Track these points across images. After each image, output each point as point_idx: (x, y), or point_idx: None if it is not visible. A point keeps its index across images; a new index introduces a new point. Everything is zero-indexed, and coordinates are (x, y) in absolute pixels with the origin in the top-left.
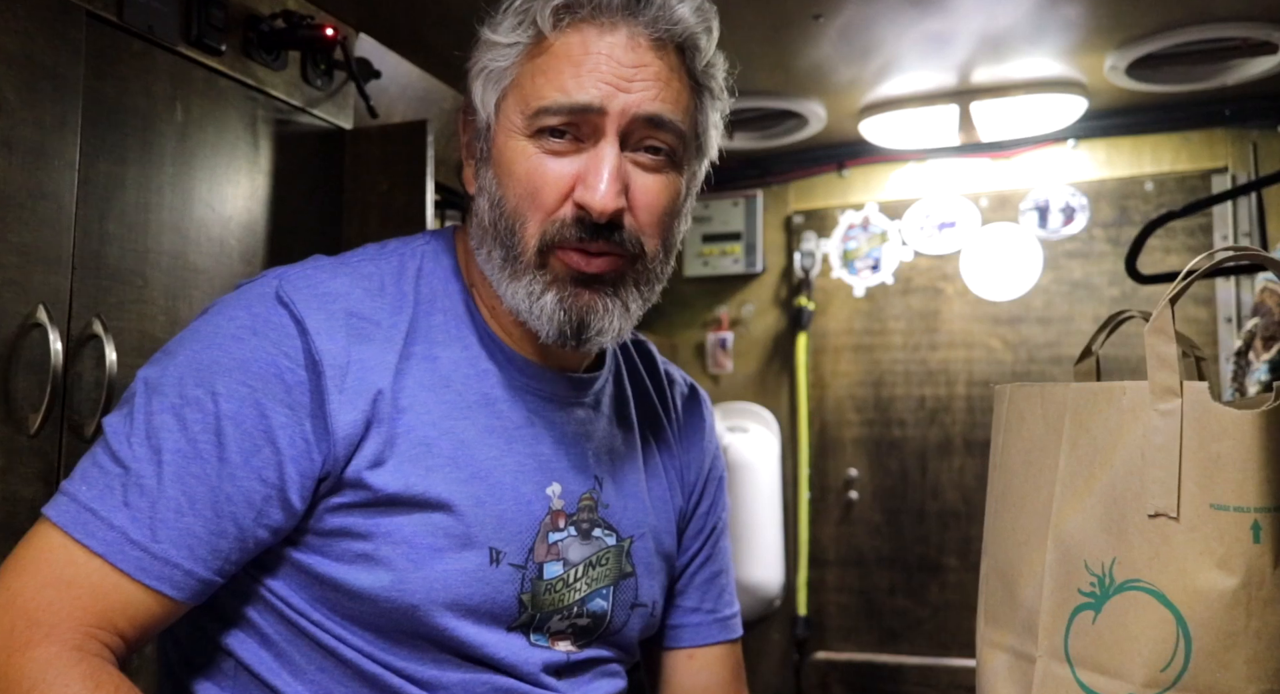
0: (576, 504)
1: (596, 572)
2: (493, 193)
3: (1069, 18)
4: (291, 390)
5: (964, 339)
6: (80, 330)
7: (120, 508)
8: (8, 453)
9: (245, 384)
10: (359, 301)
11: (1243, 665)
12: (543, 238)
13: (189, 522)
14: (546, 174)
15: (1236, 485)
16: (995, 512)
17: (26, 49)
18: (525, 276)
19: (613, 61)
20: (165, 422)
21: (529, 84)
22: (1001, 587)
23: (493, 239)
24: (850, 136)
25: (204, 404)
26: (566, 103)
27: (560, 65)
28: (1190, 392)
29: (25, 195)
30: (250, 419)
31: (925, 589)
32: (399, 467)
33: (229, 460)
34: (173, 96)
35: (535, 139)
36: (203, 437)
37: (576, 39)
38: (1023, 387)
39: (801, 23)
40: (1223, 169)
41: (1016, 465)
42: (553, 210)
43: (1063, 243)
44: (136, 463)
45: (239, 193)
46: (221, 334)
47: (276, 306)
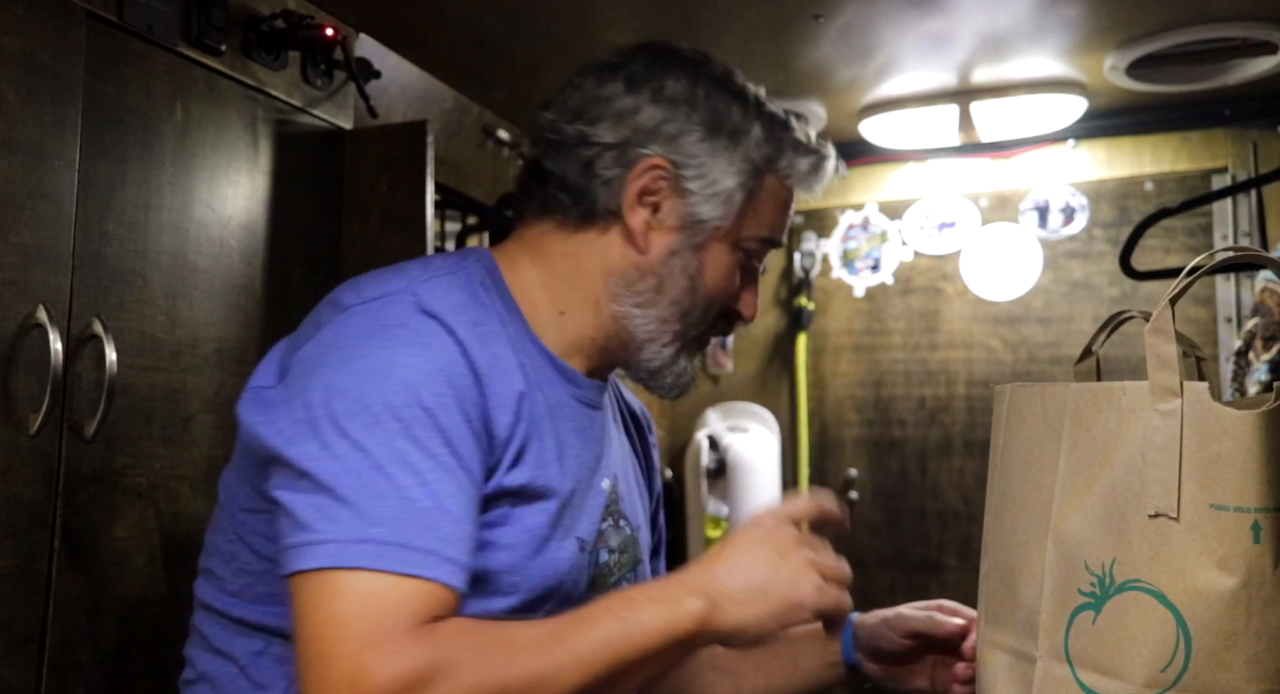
0: (610, 496)
1: (624, 557)
2: (696, 278)
3: (1069, 18)
4: (470, 392)
5: (964, 339)
6: (80, 330)
7: (423, 534)
8: (8, 453)
9: (444, 393)
10: (475, 313)
11: (1243, 665)
12: (705, 323)
13: (468, 530)
14: (732, 283)
15: (1237, 485)
16: (995, 512)
17: (26, 49)
18: (689, 349)
19: (792, 208)
20: (405, 446)
21: (757, 213)
22: (1002, 587)
23: (677, 312)
24: (850, 136)
25: (424, 421)
26: (772, 240)
27: (775, 209)
28: (1190, 392)
29: (25, 195)
30: (458, 424)
31: (925, 589)
32: (527, 459)
33: (468, 467)
34: (173, 96)
35: (735, 250)
36: (441, 451)
37: (785, 188)
38: (1023, 387)
39: (801, 23)
40: (1223, 169)
41: (1016, 465)
42: (721, 308)
43: (1063, 243)
44: (410, 490)
45: (239, 193)
46: (397, 352)
47: (428, 319)
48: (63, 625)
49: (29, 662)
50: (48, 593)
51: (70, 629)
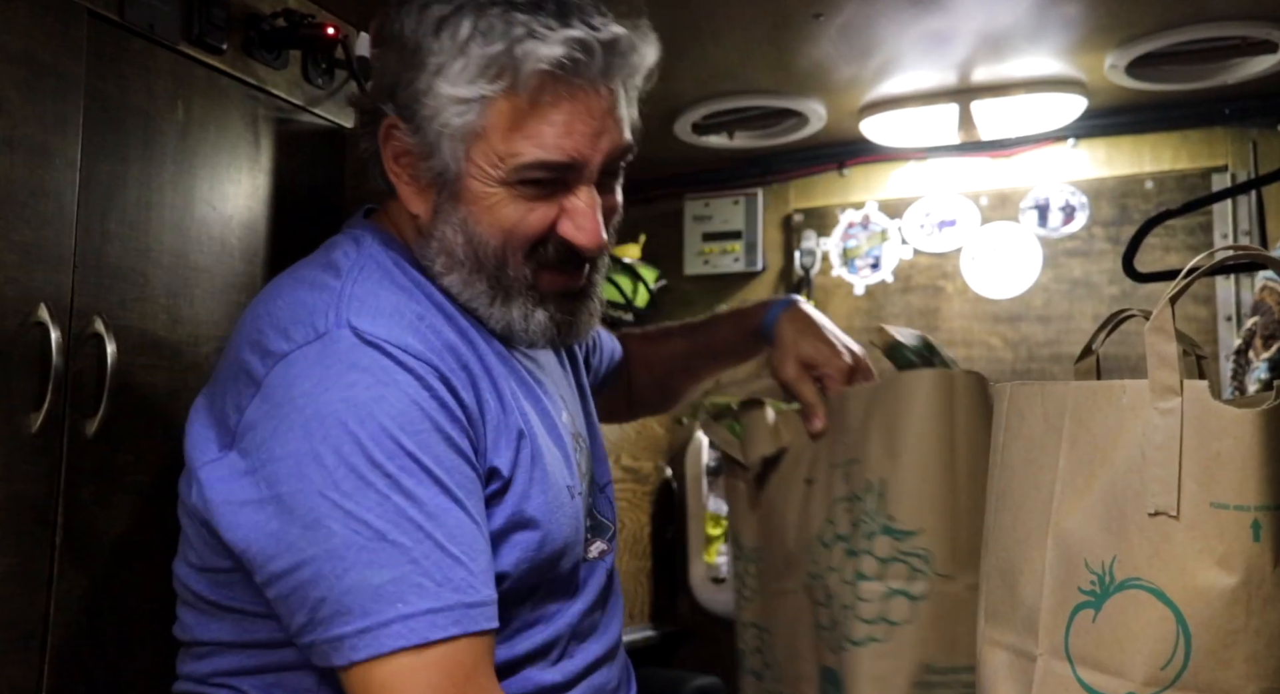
0: (570, 424)
1: (585, 471)
2: (469, 230)
3: (1069, 16)
4: (445, 412)
5: (964, 337)
6: (82, 329)
7: (441, 591)
8: (8, 452)
9: (420, 430)
10: (410, 304)
11: (1242, 664)
12: (530, 265)
13: (481, 562)
14: (531, 219)
15: (1237, 484)
16: (995, 510)
17: (28, 48)
18: (518, 299)
19: (586, 119)
20: (400, 503)
21: (502, 140)
22: (1002, 585)
23: (474, 270)
24: (850, 135)
25: (411, 468)
26: (549, 161)
27: (539, 126)
28: (1190, 390)
29: (26, 194)
30: (445, 456)
31: None
32: (508, 434)
33: (461, 500)
34: (174, 95)
35: (514, 188)
36: (434, 496)
37: (549, 98)
38: (1023, 385)
39: (801, 21)
40: (1223, 168)
41: (1016, 464)
42: (537, 243)
43: (1063, 241)
44: (413, 550)
45: (240, 191)
46: (361, 402)
47: (375, 351)
48: (64, 623)
49: (31, 660)
50: (49, 591)
51: (72, 627)
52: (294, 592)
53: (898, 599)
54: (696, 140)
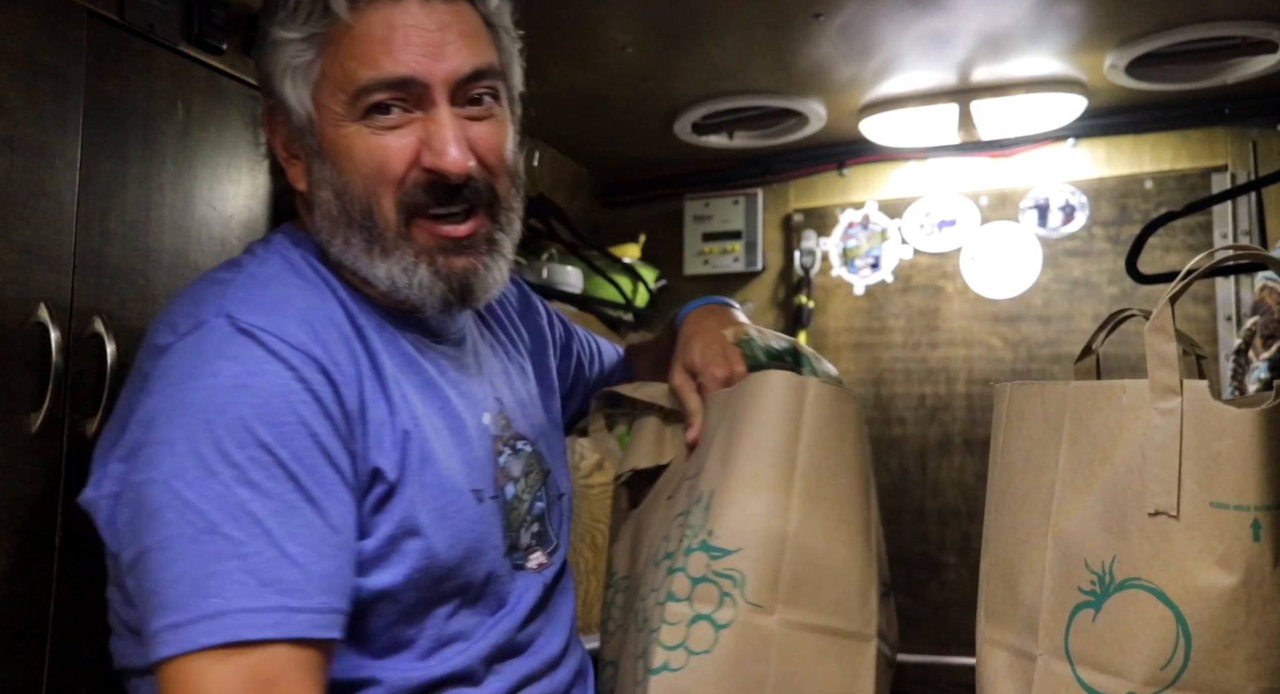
0: (498, 426)
1: (531, 478)
2: (335, 183)
3: (1069, 16)
4: (317, 407)
5: (964, 337)
6: (82, 329)
7: (263, 591)
8: (8, 452)
9: (282, 423)
10: (300, 296)
11: (1242, 663)
12: (400, 208)
13: (324, 566)
14: (388, 149)
15: (1236, 484)
16: (995, 510)
17: (27, 48)
18: (395, 253)
19: (419, 30)
20: (243, 495)
21: (339, 71)
22: (1002, 585)
23: (348, 226)
24: (850, 135)
25: (262, 461)
26: (385, 77)
27: (368, 46)
28: (1190, 390)
29: (26, 194)
30: (307, 452)
31: (925, 587)
32: (394, 436)
33: (315, 498)
34: (174, 95)
35: (365, 120)
36: (283, 489)
37: (375, 18)
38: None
39: (801, 21)
40: (1222, 168)
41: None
42: (402, 180)
43: (1062, 241)
44: (245, 545)
45: (240, 191)
46: (225, 390)
47: (248, 340)
48: (65, 624)
49: (31, 660)
50: (49, 591)
51: (72, 628)
52: (137, 585)
53: (701, 625)
54: (696, 140)
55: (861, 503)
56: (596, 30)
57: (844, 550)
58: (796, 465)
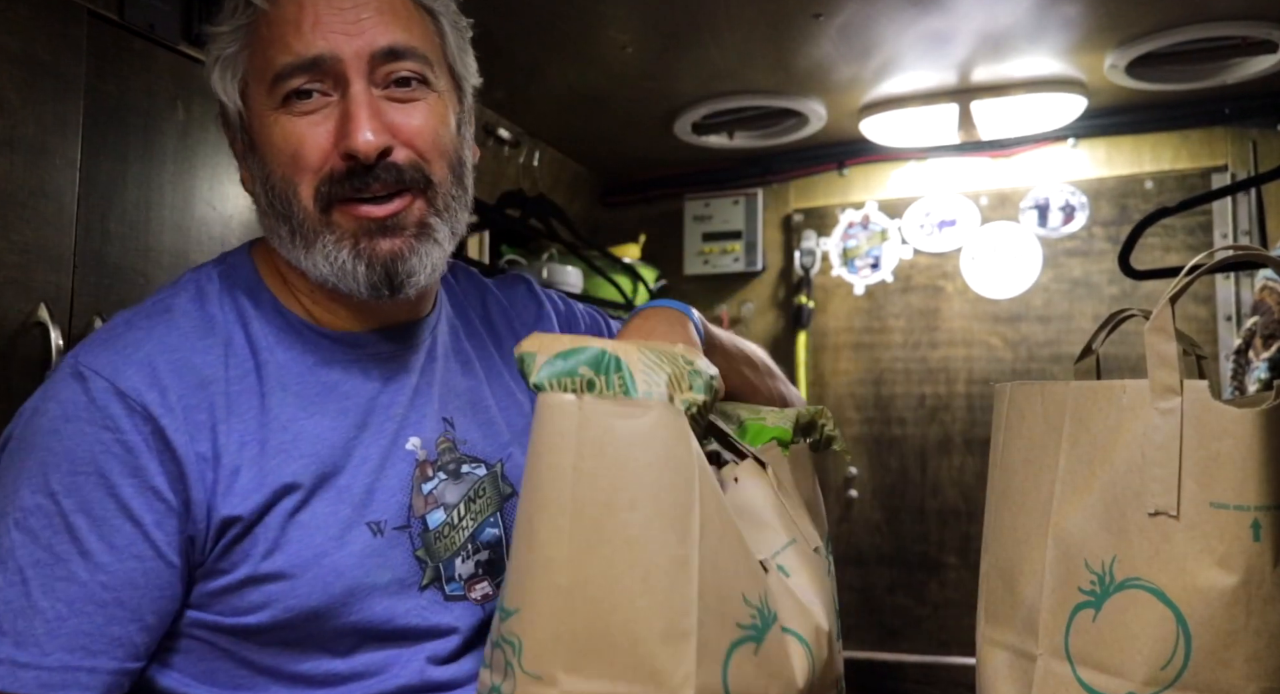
0: (436, 450)
1: (478, 504)
2: (262, 175)
3: (1069, 16)
4: (125, 458)
5: (964, 337)
6: (82, 328)
7: (0, 640)
8: None
9: (78, 472)
10: (164, 338)
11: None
12: (319, 196)
13: (74, 624)
14: (302, 134)
15: (1236, 484)
16: (995, 510)
17: (28, 48)
18: (317, 241)
19: (330, 9)
20: (15, 539)
21: (261, 60)
22: (1002, 585)
23: (275, 218)
24: (850, 135)
25: (45, 508)
26: (296, 61)
27: (283, 30)
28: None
29: (27, 194)
30: (99, 503)
31: (925, 587)
32: (260, 478)
33: (90, 552)
34: (174, 95)
35: (284, 108)
36: (55, 540)
37: (290, 2)
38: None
39: (802, 21)
40: (1222, 167)
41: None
42: (319, 167)
43: (1062, 241)
44: (3, 590)
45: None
46: (40, 433)
47: (77, 383)
48: None
49: None
50: None
51: None
52: None
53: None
54: (696, 140)
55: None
56: (596, 30)
57: (638, 601)
58: (569, 505)
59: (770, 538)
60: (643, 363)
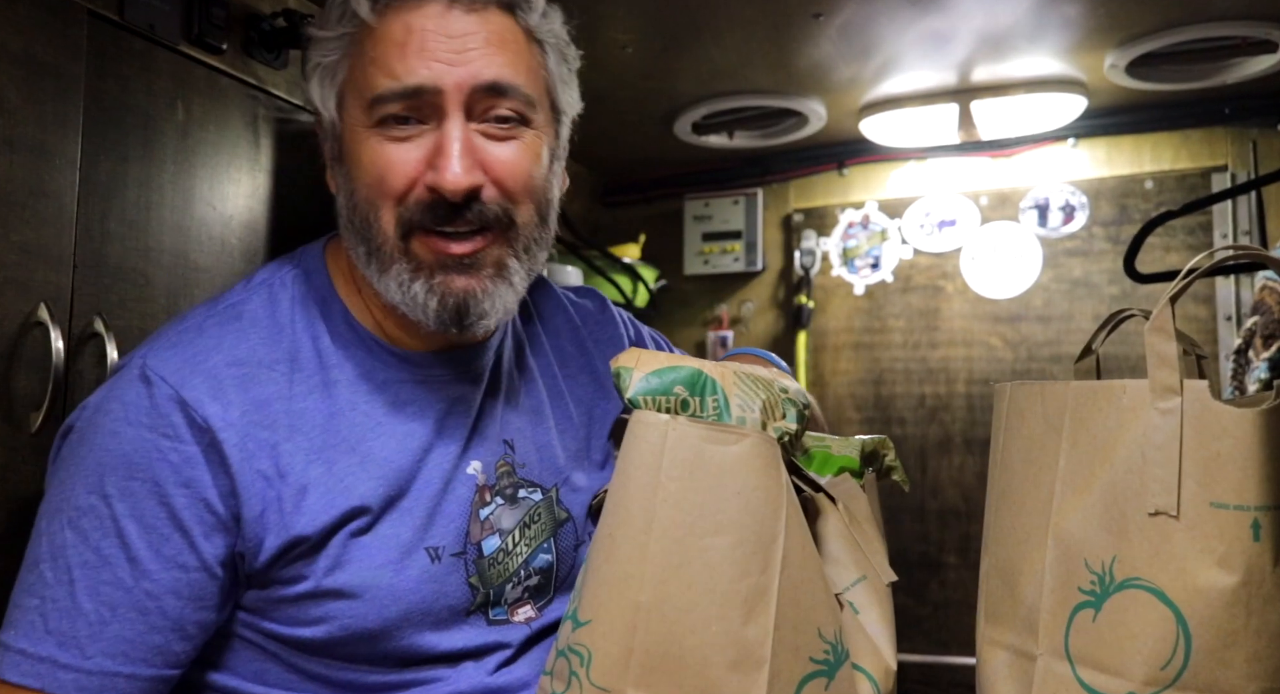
0: (495, 474)
1: (533, 530)
2: (347, 190)
3: (1069, 16)
4: (181, 468)
5: (964, 337)
6: (82, 329)
7: (44, 638)
8: (8, 452)
9: (133, 478)
10: (233, 349)
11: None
12: (400, 222)
13: (116, 629)
14: (391, 161)
15: (1236, 484)
16: (995, 510)
17: (27, 48)
18: (393, 267)
19: (438, 36)
20: (67, 538)
21: (361, 77)
22: (1002, 585)
23: (354, 235)
24: (850, 135)
25: (98, 510)
26: (399, 88)
27: (386, 51)
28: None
29: (26, 194)
30: (151, 511)
31: (925, 587)
32: (329, 499)
33: (138, 559)
34: (174, 95)
35: (379, 129)
36: (104, 543)
37: (397, 21)
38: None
39: (801, 21)
40: (1223, 167)
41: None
42: (403, 195)
43: (1063, 241)
44: (50, 588)
45: (240, 191)
46: (100, 432)
47: (142, 386)
48: None
49: None
50: None
51: None
52: None
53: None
54: (696, 140)
55: (750, 567)
56: (596, 30)
57: (713, 626)
58: (653, 524)
59: (840, 574)
60: (738, 387)
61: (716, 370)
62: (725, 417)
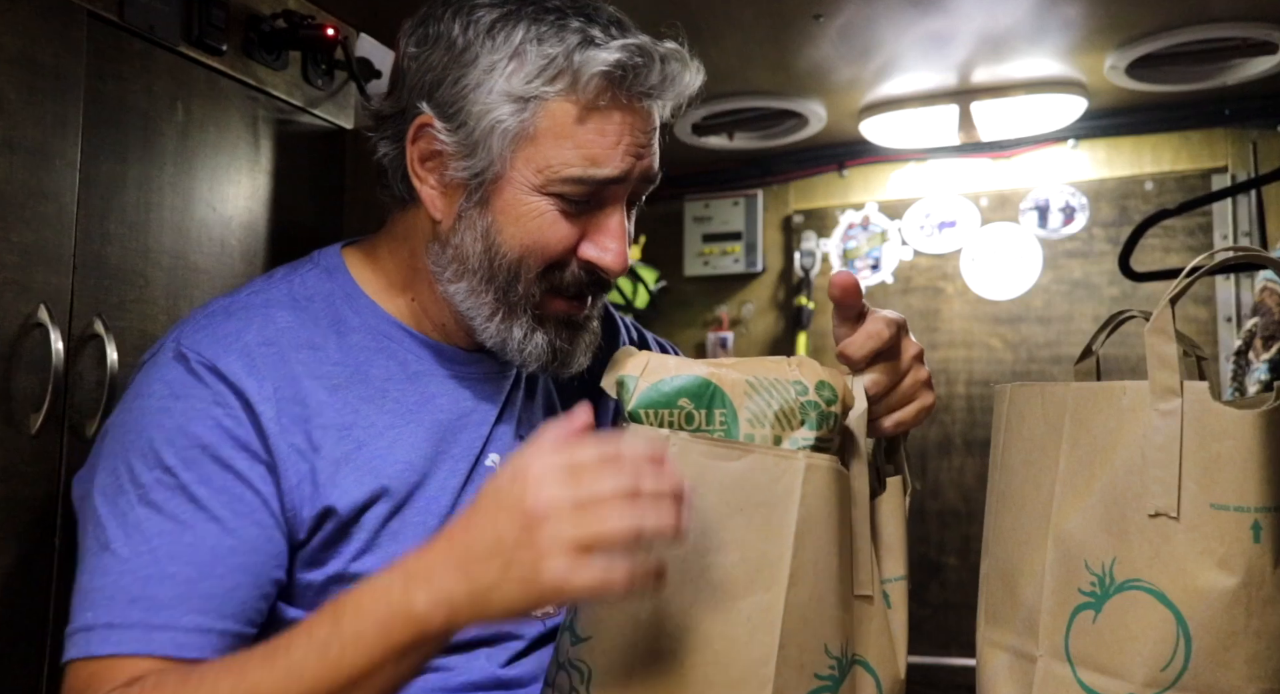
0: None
1: None
2: (490, 237)
3: (1069, 17)
4: (235, 433)
5: (964, 338)
6: (81, 330)
7: (129, 607)
8: (8, 453)
9: (193, 447)
10: (262, 330)
11: (1243, 665)
12: (544, 285)
13: (205, 586)
14: (560, 233)
15: (1237, 485)
16: (995, 511)
17: (27, 49)
18: (520, 318)
19: (638, 133)
20: (140, 514)
21: (552, 146)
22: (1002, 586)
23: (484, 280)
24: (850, 136)
25: (165, 482)
26: (598, 177)
27: (592, 137)
28: (1190, 391)
29: (26, 195)
30: (217, 476)
31: (925, 589)
32: (359, 476)
33: (218, 517)
34: (174, 96)
35: (549, 198)
36: (181, 510)
37: (608, 111)
38: (1023, 386)
39: (802, 22)
40: (1223, 168)
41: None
42: (557, 260)
43: (1063, 242)
44: (128, 563)
45: (240, 192)
46: (148, 413)
47: (181, 364)
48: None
49: (31, 660)
50: (49, 592)
51: None
52: None
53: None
54: (696, 141)
55: (754, 585)
56: None
57: (715, 644)
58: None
59: (891, 563)
60: (750, 397)
61: (727, 380)
62: (733, 432)
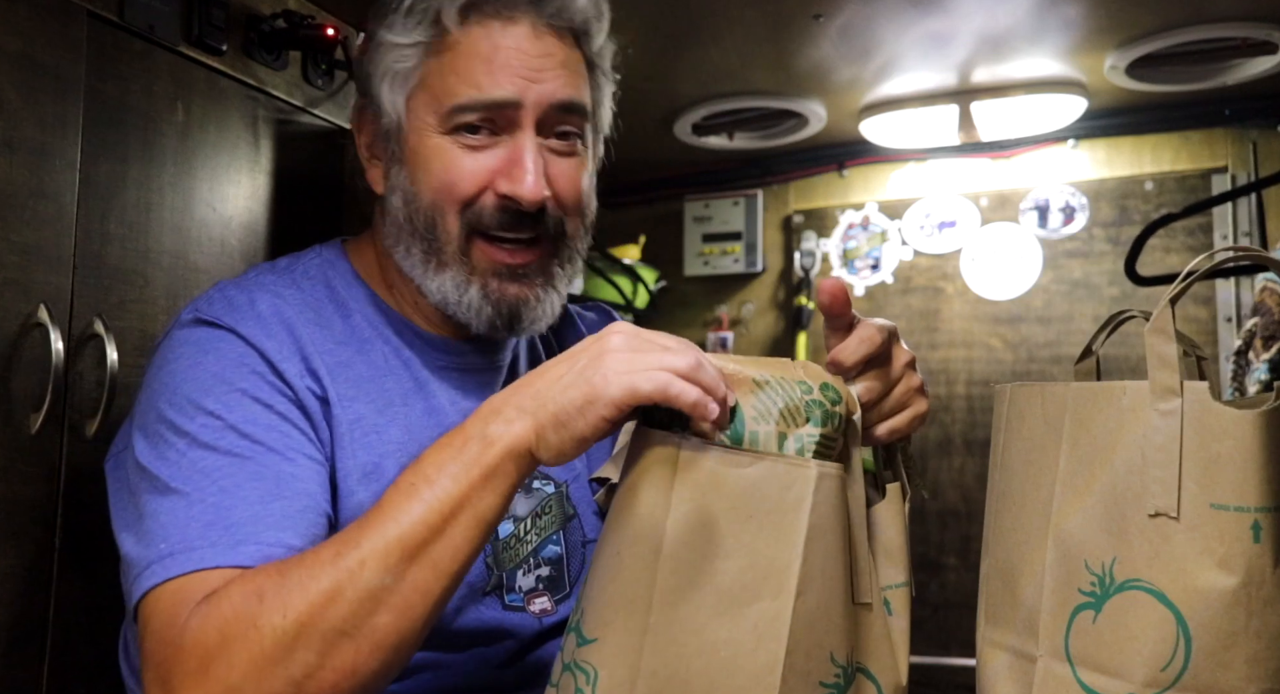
0: None
1: (544, 520)
2: (407, 190)
3: (1069, 17)
4: (269, 378)
5: (964, 338)
6: (81, 330)
7: (204, 532)
8: (8, 453)
9: (233, 391)
10: (272, 303)
11: (1243, 665)
12: (464, 226)
13: (278, 506)
14: (464, 168)
15: (1237, 485)
16: (995, 511)
17: (27, 49)
18: (450, 269)
19: (521, 53)
20: (196, 455)
21: (438, 83)
22: (1002, 586)
23: (410, 235)
24: (850, 136)
25: (213, 425)
26: (483, 99)
27: (470, 62)
28: (1190, 391)
29: (26, 195)
30: (262, 415)
31: (925, 589)
32: (354, 452)
33: (275, 449)
34: (174, 96)
35: (451, 135)
36: (237, 445)
37: (482, 34)
38: (1023, 386)
39: (801, 22)
40: (1223, 169)
41: (1017, 465)
42: (471, 200)
43: (1063, 242)
44: (196, 494)
45: (240, 192)
46: (178, 374)
47: (201, 328)
48: (64, 625)
49: (31, 661)
50: (49, 592)
51: (72, 629)
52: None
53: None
54: (696, 141)
55: (762, 593)
56: None
57: (721, 651)
58: (663, 547)
59: (890, 570)
60: (754, 394)
61: (734, 378)
62: (738, 427)
